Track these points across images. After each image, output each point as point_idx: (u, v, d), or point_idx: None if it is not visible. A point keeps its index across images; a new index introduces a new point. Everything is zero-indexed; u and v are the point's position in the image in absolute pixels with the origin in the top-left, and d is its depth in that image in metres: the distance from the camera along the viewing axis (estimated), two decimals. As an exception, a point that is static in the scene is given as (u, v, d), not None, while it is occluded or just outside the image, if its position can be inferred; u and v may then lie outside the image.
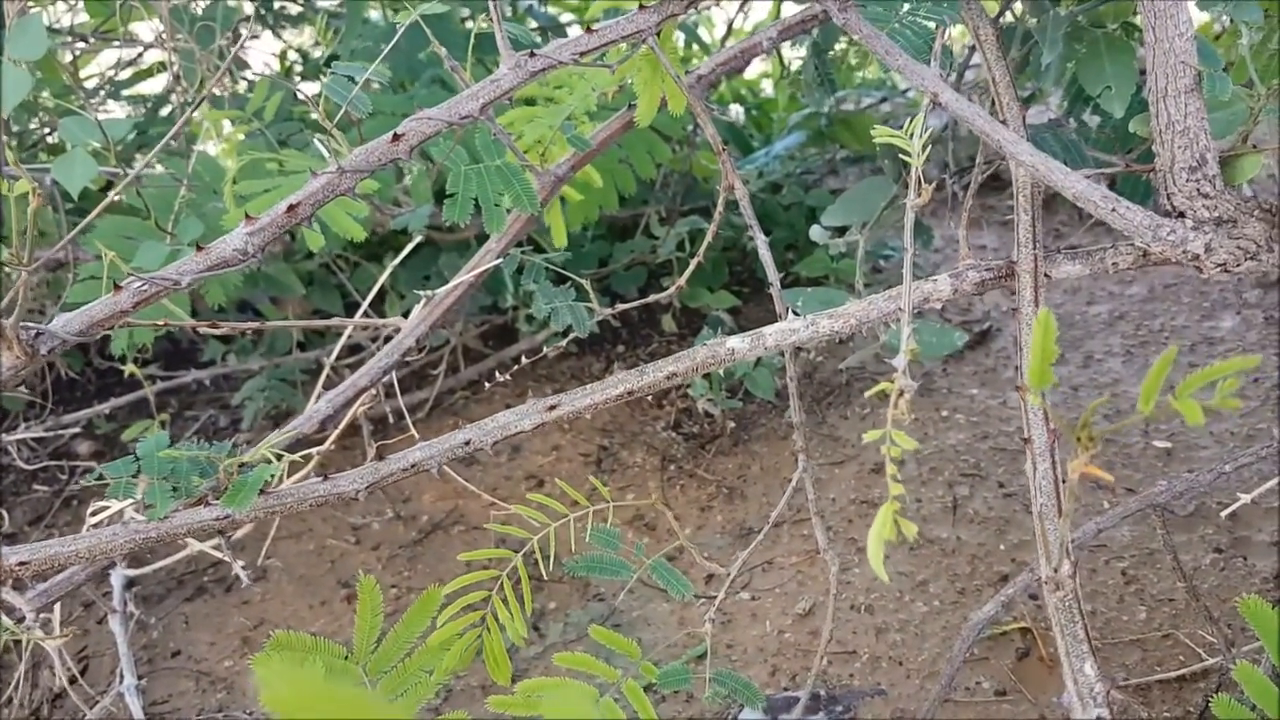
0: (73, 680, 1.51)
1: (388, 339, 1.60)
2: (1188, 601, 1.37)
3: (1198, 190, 0.91)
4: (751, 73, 3.04)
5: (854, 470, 1.77)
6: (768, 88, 3.04)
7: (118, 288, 0.91)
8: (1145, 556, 1.47)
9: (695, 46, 2.57)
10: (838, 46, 2.25)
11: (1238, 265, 0.92)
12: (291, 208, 0.95)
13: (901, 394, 0.67)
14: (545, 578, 1.62)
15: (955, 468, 1.73)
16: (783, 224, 2.28)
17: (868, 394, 0.73)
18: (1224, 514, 1.30)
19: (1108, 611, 1.39)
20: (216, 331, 1.10)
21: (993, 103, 1.12)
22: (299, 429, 1.16)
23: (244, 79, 2.13)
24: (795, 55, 2.64)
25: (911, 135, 0.88)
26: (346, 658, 0.99)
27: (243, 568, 1.67)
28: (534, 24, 2.21)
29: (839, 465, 1.80)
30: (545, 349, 1.35)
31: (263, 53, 2.38)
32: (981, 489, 1.67)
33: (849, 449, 1.83)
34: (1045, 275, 1.06)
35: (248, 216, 0.94)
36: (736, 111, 2.89)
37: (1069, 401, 1.86)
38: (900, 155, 0.87)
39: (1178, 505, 1.54)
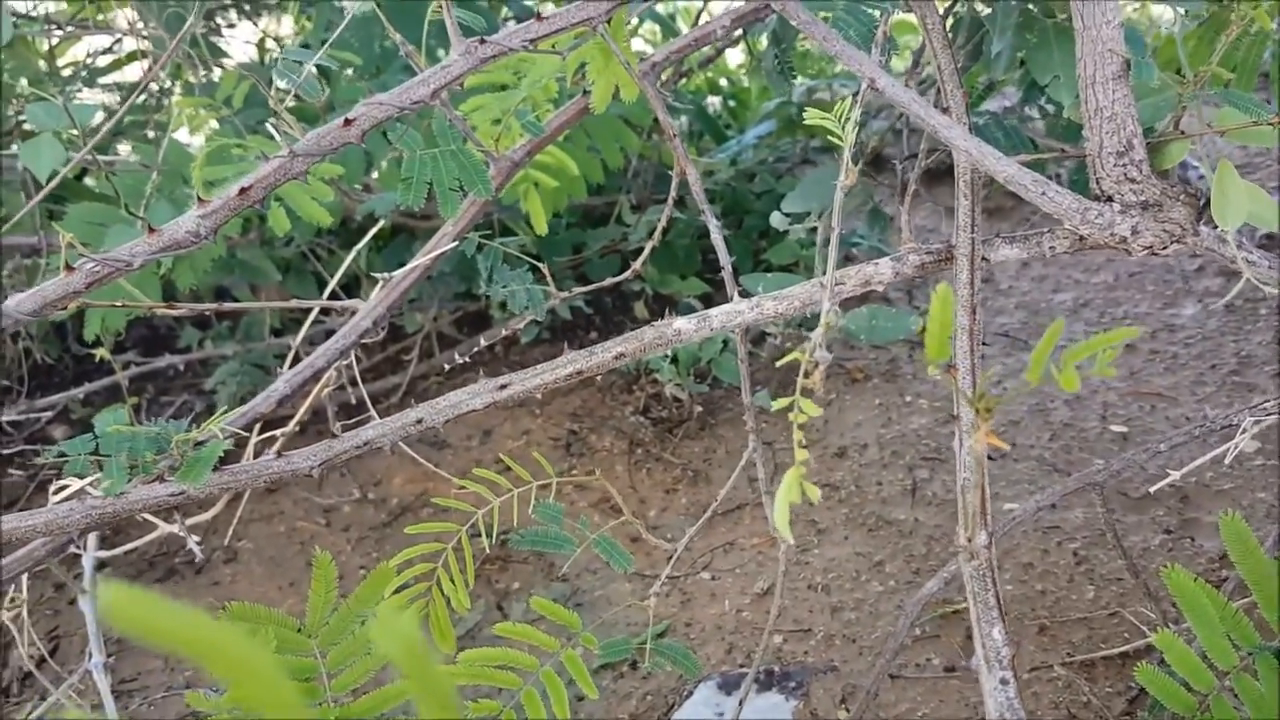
0: (42, 661, 1.53)
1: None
2: (1134, 581, 1.40)
3: (1124, 175, 0.93)
4: (733, 63, 3.06)
5: (816, 454, 1.79)
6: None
7: (70, 269, 0.93)
8: (1096, 537, 1.50)
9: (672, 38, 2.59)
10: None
11: (1164, 248, 0.95)
12: (243, 190, 0.97)
13: (816, 366, 0.69)
14: (509, 558, 1.64)
15: (916, 451, 1.75)
16: (755, 211, 2.30)
17: (778, 363, 0.75)
18: (1152, 490, 1.33)
19: (1057, 591, 1.42)
20: (175, 313, 1.12)
21: (938, 90, 1.14)
22: (256, 409, 1.18)
23: (220, 66, 2.14)
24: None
25: (844, 120, 0.90)
26: (300, 630, 1.02)
27: (210, 549, 1.70)
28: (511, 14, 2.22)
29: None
30: (506, 331, 1.37)
31: (241, 41, 2.39)
32: (941, 472, 1.69)
33: (812, 433, 1.85)
34: (984, 259, 1.09)
35: (200, 200, 0.96)
36: (715, 102, 2.91)
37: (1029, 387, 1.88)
38: (831, 138, 0.89)
39: (1130, 487, 1.57)
